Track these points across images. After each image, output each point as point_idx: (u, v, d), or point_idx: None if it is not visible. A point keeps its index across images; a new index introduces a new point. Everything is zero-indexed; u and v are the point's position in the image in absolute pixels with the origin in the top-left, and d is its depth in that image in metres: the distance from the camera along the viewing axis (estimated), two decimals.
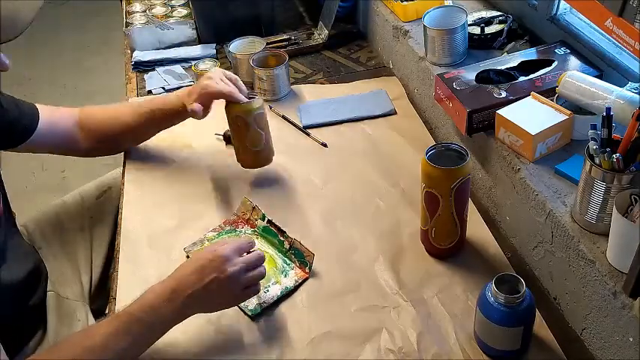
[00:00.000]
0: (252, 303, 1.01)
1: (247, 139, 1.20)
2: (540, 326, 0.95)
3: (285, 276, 1.06)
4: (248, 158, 1.24)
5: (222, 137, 1.38)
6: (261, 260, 0.96)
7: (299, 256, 1.08)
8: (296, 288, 1.04)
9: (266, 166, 1.28)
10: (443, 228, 1.03)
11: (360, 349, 0.94)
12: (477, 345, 0.93)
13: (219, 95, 1.17)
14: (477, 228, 1.12)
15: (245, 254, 0.96)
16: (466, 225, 1.06)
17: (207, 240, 1.13)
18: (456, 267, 1.06)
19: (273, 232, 1.12)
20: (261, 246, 1.12)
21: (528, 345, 0.92)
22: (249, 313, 1.00)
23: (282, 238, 1.11)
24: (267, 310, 1.01)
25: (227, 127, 1.26)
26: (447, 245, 1.06)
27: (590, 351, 0.92)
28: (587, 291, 0.90)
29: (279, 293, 1.03)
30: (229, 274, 0.91)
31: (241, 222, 1.17)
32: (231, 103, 1.18)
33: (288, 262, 1.09)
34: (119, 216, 1.22)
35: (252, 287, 0.95)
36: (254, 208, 1.16)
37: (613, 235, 0.84)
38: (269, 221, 1.13)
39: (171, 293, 0.90)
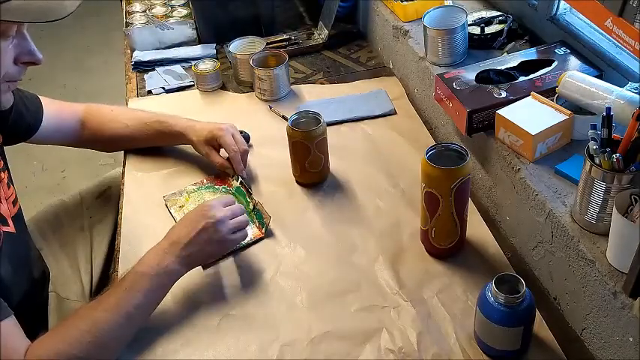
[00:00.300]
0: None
1: (307, 161, 1.22)
2: (540, 326, 0.95)
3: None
4: (304, 177, 1.25)
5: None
6: (242, 210, 1.07)
7: (259, 217, 1.16)
8: (249, 245, 1.12)
9: (265, 167, 1.29)
10: (443, 228, 1.03)
11: (360, 349, 0.94)
12: (476, 345, 0.93)
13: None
14: (476, 228, 1.12)
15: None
16: (466, 225, 1.06)
17: (187, 192, 1.22)
18: (456, 267, 1.06)
19: (243, 193, 1.21)
20: None
21: (528, 345, 0.92)
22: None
23: (248, 199, 1.20)
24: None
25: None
26: (447, 245, 1.06)
27: (590, 351, 0.93)
28: (587, 291, 0.90)
29: (239, 245, 1.11)
30: (218, 219, 1.01)
31: (219, 180, 1.26)
32: (292, 128, 1.19)
33: (251, 221, 1.16)
34: (119, 216, 1.22)
35: (238, 232, 1.05)
36: (233, 168, 1.24)
37: (613, 235, 0.84)
38: (241, 182, 1.22)
39: (169, 247, 0.99)
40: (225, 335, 0.98)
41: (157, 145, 1.35)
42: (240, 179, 1.23)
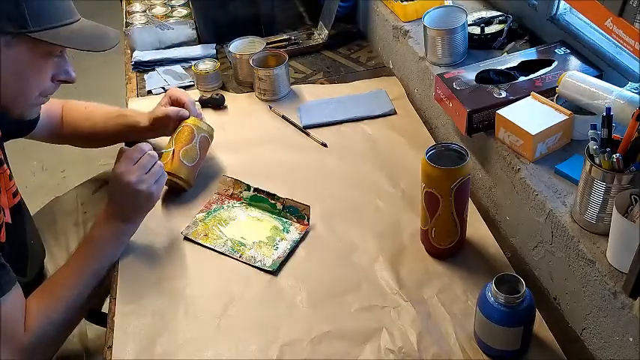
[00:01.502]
0: (268, 260, 1.08)
1: (184, 147, 1.21)
2: (540, 326, 0.95)
3: (287, 232, 1.14)
4: (174, 164, 1.20)
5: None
6: (154, 159, 1.08)
7: (295, 212, 1.16)
8: (302, 239, 1.12)
9: (266, 166, 1.29)
10: (443, 228, 1.03)
11: (360, 349, 0.94)
12: (476, 345, 0.93)
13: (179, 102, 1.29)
14: (476, 228, 1.12)
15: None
16: (466, 225, 1.06)
17: (199, 221, 1.17)
18: (456, 267, 1.06)
19: (262, 198, 1.19)
20: (253, 213, 1.18)
21: (528, 345, 0.92)
22: (270, 269, 1.07)
23: (273, 201, 1.18)
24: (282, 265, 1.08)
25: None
26: (447, 245, 1.06)
27: (590, 351, 0.92)
28: (587, 291, 0.90)
29: (288, 247, 1.11)
30: (132, 182, 1.05)
31: (225, 198, 1.22)
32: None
33: (285, 220, 1.16)
34: None
35: (160, 179, 1.09)
36: (235, 181, 1.21)
37: (613, 235, 0.84)
38: (256, 189, 1.20)
39: (108, 218, 1.07)
40: (225, 335, 0.98)
41: (124, 140, 1.35)
42: (252, 188, 1.20)
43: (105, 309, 1.18)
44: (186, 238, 1.14)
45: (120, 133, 1.33)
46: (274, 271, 1.07)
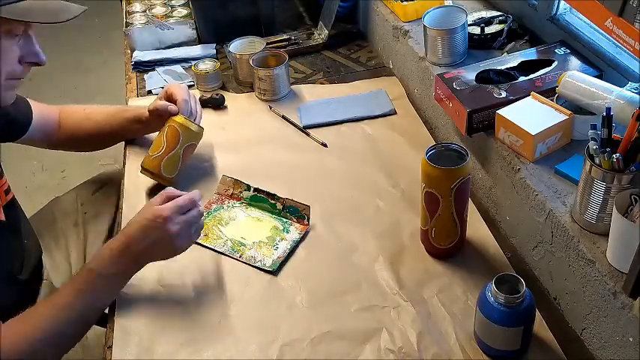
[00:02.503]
0: (268, 260, 1.08)
1: (169, 151, 1.22)
2: (540, 326, 0.95)
3: (287, 232, 1.14)
4: (156, 164, 1.22)
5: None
6: (201, 215, 1.02)
7: (295, 212, 1.16)
8: (302, 239, 1.12)
9: (266, 166, 1.29)
10: (443, 228, 1.03)
11: (360, 349, 0.94)
12: (476, 345, 0.93)
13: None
14: (476, 228, 1.12)
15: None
16: (466, 225, 1.06)
17: None
18: (456, 267, 1.06)
19: (262, 198, 1.19)
20: (253, 214, 1.18)
21: (528, 345, 0.92)
22: (270, 269, 1.07)
23: (273, 201, 1.18)
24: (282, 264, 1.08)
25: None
26: (447, 245, 1.06)
27: (590, 351, 0.92)
28: (587, 291, 0.90)
29: (289, 247, 1.11)
30: (172, 234, 0.97)
31: (225, 198, 1.22)
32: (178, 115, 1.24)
33: (285, 220, 1.16)
34: (119, 216, 1.22)
35: (194, 235, 1.02)
36: (235, 181, 1.21)
37: (613, 235, 0.84)
38: (256, 189, 1.20)
39: (124, 249, 0.97)
40: (225, 335, 0.98)
41: (130, 135, 1.36)
42: (252, 188, 1.20)
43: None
44: None
45: (124, 127, 1.32)
46: (274, 271, 1.07)
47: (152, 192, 1.26)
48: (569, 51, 1.18)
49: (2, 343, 0.89)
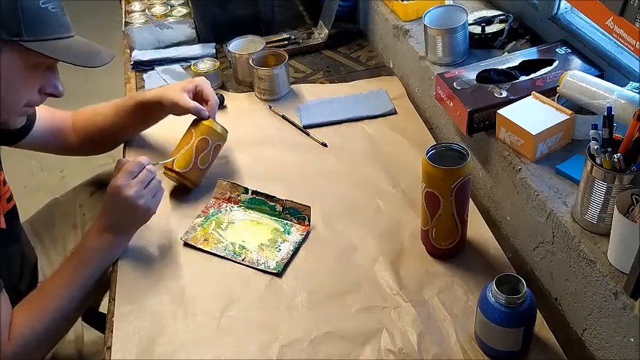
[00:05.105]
0: (272, 263, 1.08)
1: (200, 155, 1.21)
2: (541, 327, 0.95)
3: (289, 234, 1.13)
4: (186, 166, 1.21)
5: None
6: (153, 173, 1.08)
7: (295, 213, 1.15)
8: (304, 240, 1.12)
9: (265, 166, 1.29)
10: (443, 228, 1.03)
11: (361, 349, 0.94)
12: (477, 345, 0.93)
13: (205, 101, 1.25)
14: (477, 228, 1.12)
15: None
16: (467, 225, 1.06)
17: (198, 225, 1.16)
18: (457, 267, 1.06)
19: (261, 201, 1.18)
20: (252, 216, 1.17)
21: (529, 346, 0.92)
22: (274, 271, 1.06)
23: (272, 203, 1.17)
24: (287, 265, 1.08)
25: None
26: (448, 245, 1.05)
27: (591, 352, 0.92)
28: (588, 291, 0.90)
29: (292, 248, 1.10)
30: (130, 196, 1.04)
31: (223, 201, 1.21)
32: (202, 120, 1.22)
33: (286, 221, 1.15)
34: None
35: (157, 194, 1.09)
36: (232, 185, 1.20)
37: (614, 236, 0.84)
38: (254, 192, 1.19)
39: (101, 226, 1.06)
40: (225, 335, 0.98)
41: (142, 125, 1.34)
42: (251, 191, 1.19)
43: (102, 309, 1.18)
44: (186, 244, 1.13)
45: (135, 117, 1.30)
46: (279, 273, 1.06)
47: None
48: (570, 50, 1.18)
49: (24, 326, 0.97)
